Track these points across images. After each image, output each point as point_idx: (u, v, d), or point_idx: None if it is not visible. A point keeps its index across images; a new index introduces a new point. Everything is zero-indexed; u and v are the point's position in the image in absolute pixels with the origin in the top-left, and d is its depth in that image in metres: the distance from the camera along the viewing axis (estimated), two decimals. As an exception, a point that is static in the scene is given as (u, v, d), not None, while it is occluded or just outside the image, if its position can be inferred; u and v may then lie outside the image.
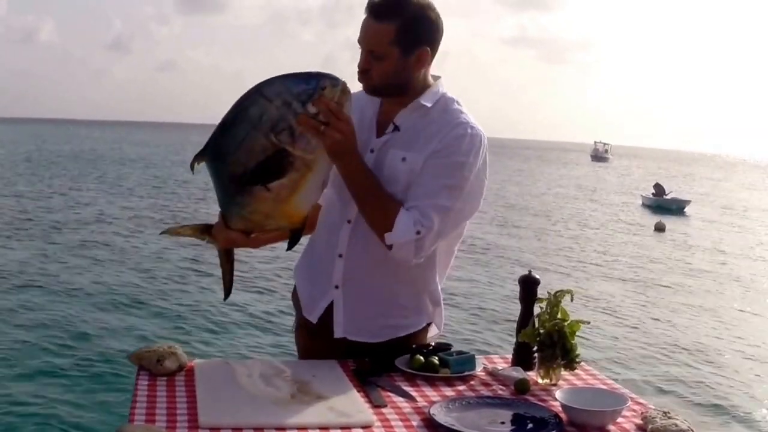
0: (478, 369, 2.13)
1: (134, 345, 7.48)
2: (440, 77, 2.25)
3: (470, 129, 2.15)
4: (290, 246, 2.10)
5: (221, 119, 2.03)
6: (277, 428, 1.71)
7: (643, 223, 26.01)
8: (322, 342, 2.27)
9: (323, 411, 1.80)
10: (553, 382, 2.06)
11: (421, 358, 2.12)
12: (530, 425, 1.79)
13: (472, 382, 2.08)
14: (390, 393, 1.96)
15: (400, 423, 1.78)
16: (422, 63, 2.16)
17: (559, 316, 2.08)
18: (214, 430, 1.70)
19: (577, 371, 2.15)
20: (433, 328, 2.35)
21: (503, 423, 1.79)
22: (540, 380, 2.08)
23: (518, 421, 1.81)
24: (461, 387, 2.04)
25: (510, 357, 2.25)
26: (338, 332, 2.24)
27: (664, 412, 1.82)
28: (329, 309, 2.25)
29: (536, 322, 2.12)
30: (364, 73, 2.15)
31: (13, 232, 17.23)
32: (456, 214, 2.14)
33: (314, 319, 2.29)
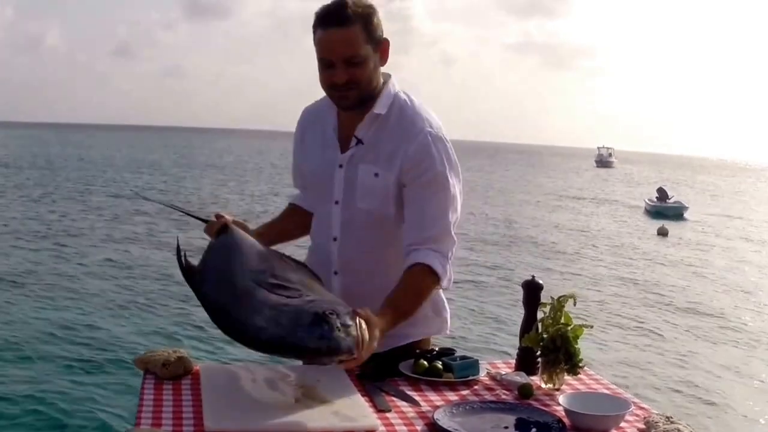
0: (482, 374, 2.14)
1: (140, 349, 7.48)
2: (390, 75, 2.21)
3: (430, 136, 2.15)
4: None
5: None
6: (282, 432, 1.73)
7: (646, 228, 25.99)
8: None
9: (328, 415, 1.81)
10: (557, 387, 2.07)
11: (425, 363, 2.13)
12: (534, 430, 1.79)
13: (476, 387, 2.09)
14: (394, 398, 1.96)
15: (404, 428, 1.79)
16: (386, 54, 2.16)
17: (563, 321, 2.09)
18: (220, 434, 1.72)
19: (581, 376, 2.15)
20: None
21: (507, 428, 1.80)
22: (543, 385, 2.09)
23: (522, 426, 1.81)
24: (465, 392, 2.05)
25: (513, 362, 2.26)
26: None
27: (667, 417, 1.83)
28: None
29: (539, 327, 2.13)
30: (347, 87, 2.10)
31: (19, 236, 17.27)
32: (455, 219, 2.19)
33: None
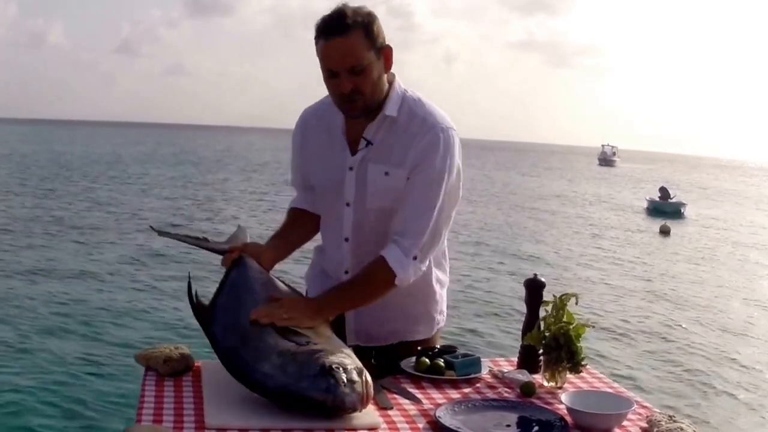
0: (484, 372, 2.14)
1: (141, 345, 7.49)
2: (395, 75, 2.19)
3: (441, 132, 2.14)
4: None
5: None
6: (284, 429, 1.72)
7: (648, 226, 25.98)
8: None
9: (329, 413, 1.80)
10: (559, 385, 2.07)
11: (427, 361, 2.13)
12: (536, 428, 1.79)
13: (478, 385, 2.09)
14: (396, 395, 1.96)
15: (406, 425, 1.79)
16: (390, 61, 2.14)
17: (565, 319, 2.09)
18: (221, 431, 1.72)
19: (583, 374, 2.15)
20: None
21: (509, 426, 1.80)
22: (545, 383, 2.08)
23: (524, 424, 1.81)
24: (467, 389, 2.05)
25: (515, 360, 2.26)
26: (351, 340, 2.27)
27: (670, 416, 1.83)
28: (340, 317, 2.25)
29: (542, 325, 2.12)
30: (351, 96, 2.08)
31: (22, 231, 17.29)
32: (444, 220, 2.16)
33: None
